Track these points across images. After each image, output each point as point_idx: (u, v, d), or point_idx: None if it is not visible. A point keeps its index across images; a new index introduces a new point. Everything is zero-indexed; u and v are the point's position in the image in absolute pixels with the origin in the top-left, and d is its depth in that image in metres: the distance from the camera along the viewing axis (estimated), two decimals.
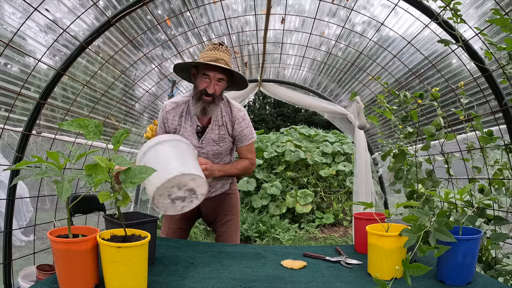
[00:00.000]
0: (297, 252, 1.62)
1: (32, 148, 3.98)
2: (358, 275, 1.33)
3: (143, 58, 3.00)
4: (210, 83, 1.76)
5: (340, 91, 4.01)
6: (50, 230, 1.12)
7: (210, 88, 1.76)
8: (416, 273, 1.08)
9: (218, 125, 1.89)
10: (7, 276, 2.26)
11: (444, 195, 1.33)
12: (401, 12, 2.42)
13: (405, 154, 1.94)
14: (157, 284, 1.19)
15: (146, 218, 1.42)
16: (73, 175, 1.04)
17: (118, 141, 1.08)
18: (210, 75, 1.75)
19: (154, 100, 3.72)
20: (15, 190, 2.32)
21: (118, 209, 1.08)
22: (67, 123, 1.04)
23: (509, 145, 1.79)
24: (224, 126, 1.90)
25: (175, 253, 1.57)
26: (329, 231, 6.09)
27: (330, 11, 2.82)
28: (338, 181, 6.61)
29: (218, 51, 1.78)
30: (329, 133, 7.73)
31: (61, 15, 2.19)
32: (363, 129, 3.61)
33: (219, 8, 2.73)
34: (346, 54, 3.30)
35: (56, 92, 2.54)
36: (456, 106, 2.40)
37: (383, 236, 1.25)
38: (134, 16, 2.53)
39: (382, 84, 2.24)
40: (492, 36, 2.01)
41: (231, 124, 1.90)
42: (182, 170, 1.45)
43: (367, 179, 3.78)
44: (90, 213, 2.24)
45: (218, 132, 1.89)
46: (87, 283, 1.09)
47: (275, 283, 1.24)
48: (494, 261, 1.69)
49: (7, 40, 1.91)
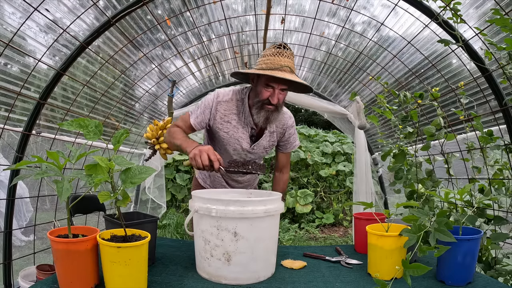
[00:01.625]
0: (297, 252, 1.62)
1: (32, 148, 3.98)
2: (358, 275, 1.33)
3: (143, 58, 2.99)
4: (273, 93, 1.63)
5: (340, 91, 4.01)
6: (50, 230, 1.12)
7: (274, 99, 1.63)
8: (416, 273, 1.08)
9: (270, 131, 1.84)
10: (7, 276, 2.26)
11: (444, 195, 1.34)
12: (401, 12, 2.42)
13: (405, 154, 1.94)
14: (157, 284, 1.19)
15: (146, 218, 1.42)
16: (73, 175, 1.04)
17: (118, 141, 1.08)
18: (274, 86, 1.62)
19: (154, 100, 3.72)
20: (15, 190, 2.32)
21: (118, 209, 1.08)
22: (67, 123, 1.04)
23: (509, 145, 1.79)
24: (275, 133, 1.86)
25: (175, 253, 1.57)
26: (329, 231, 6.09)
27: (330, 11, 2.82)
28: (338, 181, 6.61)
29: (283, 57, 1.61)
30: (329, 133, 7.73)
31: (61, 15, 2.19)
32: (363, 129, 3.60)
33: (219, 8, 2.73)
34: (346, 54, 3.30)
35: (56, 92, 2.54)
36: (456, 106, 2.41)
37: (383, 236, 1.25)
38: (134, 16, 2.52)
39: (382, 84, 2.24)
40: (492, 36, 2.01)
41: (282, 131, 1.87)
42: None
43: (367, 179, 3.78)
44: (90, 213, 2.24)
45: (269, 139, 1.85)
46: (87, 283, 1.09)
47: (275, 283, 1.24)
48: (494, 261, 1.69)
49: (7, 40, 1.91)
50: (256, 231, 1.23)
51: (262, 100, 1.65)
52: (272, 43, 1.73)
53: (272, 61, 1.60)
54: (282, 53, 1.62)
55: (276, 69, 1.59)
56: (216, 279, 1.23)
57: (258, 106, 1.68)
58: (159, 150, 2.48)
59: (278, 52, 1.62)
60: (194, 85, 3.91)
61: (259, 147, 1.84)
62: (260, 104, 1.66)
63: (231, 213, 1.18)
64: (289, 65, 1.61)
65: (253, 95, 1.72)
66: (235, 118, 1.76)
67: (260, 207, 1.22)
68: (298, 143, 1.98)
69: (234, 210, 1.19)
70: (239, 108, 1.76)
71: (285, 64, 1.60)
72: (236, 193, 1.66)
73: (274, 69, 1.58)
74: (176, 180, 6.42)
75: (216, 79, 3.99)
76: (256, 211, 1.20)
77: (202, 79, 3.87)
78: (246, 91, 1.78)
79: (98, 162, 1.00)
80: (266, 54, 1.65)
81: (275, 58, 1.61)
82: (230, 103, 1.75)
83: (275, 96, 1.63)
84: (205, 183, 2.08)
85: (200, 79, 3.84)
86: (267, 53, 1.64)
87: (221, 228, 1.20)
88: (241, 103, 1.76)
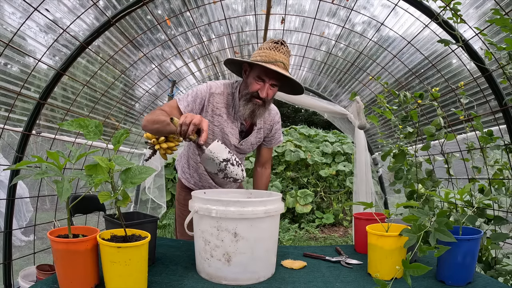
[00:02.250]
0: (297, 252, 1.62)
1: (32, 148, 3.98)
2: (358, 275, 1.33)
3: (143, 58, 3.00)
4: (263, 87, 1.61)
5: (340, 91, 4.01)
6: (50, 230, 1.12)
7: (263, 92, 1.61)
8: (416, 273, 1.08)
9: (258, 128, 1.83)
10: (7, 276, 2.26)
11: (444, 195, 1.34)
12: (401, 12, 2.42)
13: (405, 154, 1.94)
14: (157, 284, 1.19)
15: (146, 218, 1.42)
16: (73, 175, 1.04)
17: (118, 141, 1.08)
18: (265, 79, 1.61)
19: (154, 100, 3.72)
20: (15, 190, 2.32)
21: (118, 209, 1.08)
22: (67, 123, 1.04)
23: (509, 145, 1.79)
24: (262, 129, 1.85)
25: (175, 253, 1.57)
26: (329, 231, 6.09)
27: (330, 11, 2.82)
28: (338, 181, 6.61)
29: (278, 52, 1.59)
30: (329, 133, 7.74)
31: (61, 15, 2.19)
32: (363, 129, 3.60)
33: (219, 8, 2.73)
34: (346, 54, 3.30)
35: (56, 92, 2.54)
36: (456, 106, 2.41)
37: (383, 236, 1.25)
38: (134, 16, 2.53)
39: (382, 84, 2.24)
40: (492, 36, 2.01)
41: (270, 127, 1.86)
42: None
43: (367, 179, 3.78)
44: (90, 213, 2.24)
45: (256, 135, 1.84)
46: (87, 283, 1.09)
47: (275, 283, 1.24)
48: (494, 261, 1.69)
49: (7, 40, 1.91)
50: (256, 232, 1.23)
51: (251, 93, 1.63)
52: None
53: (268, 54, 1.59)
54: (279, 48, 1.60)
55: (270, 62, 1.57)
56: (216, 280, 1.23)
57: (246, 99, 1.65)
58: (159, 150, 2.48)
59: (274, 46, 1.61)
60: (194, 85, 3.91)
61: (246, 143, 1.82)
62: (249, 96, 1.64)
63: (231, 213, 1.18)
64: (283, 61, 1.59)
65: (243, 87, 1.70)
66: (225, 112, 1.72)
67: (260, 208, 1.22)
68: (282, 139, 1.98)
69: (234, 210, 1.19)
70: (229, 102, 1.73)
71: (280, 60, 1.58)
72: (236, 193, 1.66)
73: (268, 62, 1.57)
74: (176, 180, 6.43)
75: (216, 79, 3.99)
76: (256, 211, 1.20)
77: (202, 79, 3.88)
78: (237, 85, 1.75)
79: (98, 162, 1.00)
80: (263, 47, 1.64)
81: (271, 52, 1.59)
82: (222, 96, 1.72)
83: (264, 90, 1.61)
84: (189, 183, 2.02)
85: (200, 79, 3.84)
86: (264, 46, 1.63)
87: (221, 229, 1.20)
88: (232, 97, 1.74)
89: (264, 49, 1.62)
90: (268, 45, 1.63)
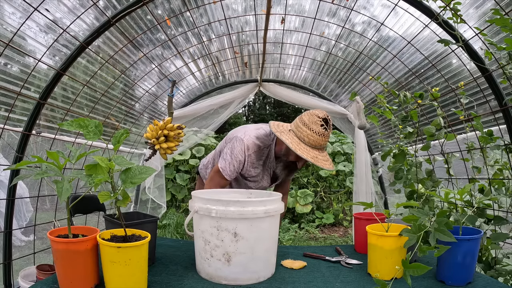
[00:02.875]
0: (297, 252, 1.62)
1: (32, 148, 3.98)
2: (358, 275, 1.33)
3: (143, 58, 2.99)
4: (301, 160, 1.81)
5: (340, 91, 4.01)
6: (50, 230, 1.12)
7: (301, 165, 1.85)
8: (416, 273, 1.08)
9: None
10: (7, 276, 2.26)
11: (444, 195, 1.34)
12: (401, 12, 2.42)
13: (405, 154, 1.94)
14: (157, 284, 1.19)
15: (146, 218, 1.42)
16: (73, 175, 1.04)
17: (118, 141, 1.08)
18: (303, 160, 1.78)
19: (154, 100, 3.72)
20: (15, 190, 2.32)
21: (118, 209, 1.08)
22: (67, 123, 1.04)
23: (509, 145, 1.79)
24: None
25: (175, 253, 1.57)
26: (329, 231, 6.09)
27: (330, 11, 2.82)
28: (338, 181, 6.61)
29: (324, 138, 1.66)
30: None
31: (61, 15, 2.19)
32: (363, 129, 3.60)
33: (219, 8, 2.72)
34: (346, 54, 3.30)
35: (56, 92, 2.54)
36: (456, 106, 2.40)
37: (383, 236, 1.25)
38: (134, 16, 2.52)
39: (382, 84, 2.24)
40: (492, 36, 2.01)
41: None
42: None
43: (367, 179, 3.78)
44: (90, 213, 2.24)
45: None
46: (87, 283, 1.09)
47: (275, 283, 1.24)
48: (494, 261, 1.69)
49: (7, 40, 1.91)
50: (256, 232, 1.23)
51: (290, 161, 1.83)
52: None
53: (315, 139, 1.65)
54: (325, 134, 1.66)
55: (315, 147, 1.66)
56: (216, 280, 1.23)
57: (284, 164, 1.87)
58: (159, 150, 2.48)
59: (323, 133, 1.65)
60: (194, 85, 3.91)
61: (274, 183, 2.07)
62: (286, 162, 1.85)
63: (231, 213, 1.18)
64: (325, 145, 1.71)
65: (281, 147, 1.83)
66: (261, 164, 1.90)
67: (260, 208, 1.22)
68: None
69: (234, 210, 1.19)
70: (264, 154, 1.88)
71: (324, 144, 1.69)
72: (236, 193, 1.66)
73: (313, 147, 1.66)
74: (176, 180, 6.42)
75: (216, 79, 3.99)
76: (256, 211, 1.20)
77: (202, 79, 3.87)
78: (274, 137, 1.86)
79: (98, 162, 1.00)
80: (313, 128, 1.65)
81: (319, 138, 1.65)
82: (258, 152, 1.85)
83: (302, 163, 1.84)
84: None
85: (200, 79, 3.84)
86: (314, 129, 1.65)
87: (221, 229, 1.20)
88: (267, 149, 1.88)
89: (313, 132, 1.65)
90: (318, 129, 1.65)
